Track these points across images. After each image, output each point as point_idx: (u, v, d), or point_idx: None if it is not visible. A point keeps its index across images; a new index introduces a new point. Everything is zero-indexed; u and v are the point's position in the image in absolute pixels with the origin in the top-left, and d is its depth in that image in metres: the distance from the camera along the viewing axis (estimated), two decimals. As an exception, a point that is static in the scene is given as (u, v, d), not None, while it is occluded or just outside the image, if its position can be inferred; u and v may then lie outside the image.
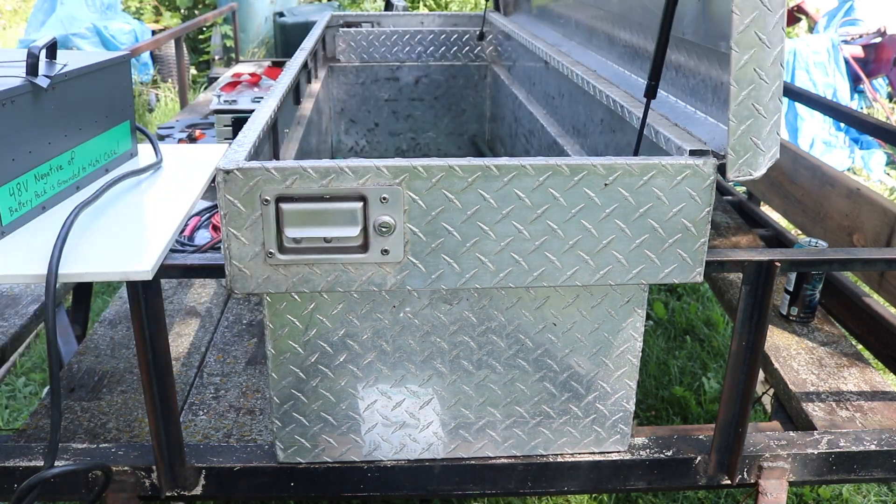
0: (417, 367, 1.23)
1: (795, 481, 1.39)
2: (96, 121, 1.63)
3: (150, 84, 6.77)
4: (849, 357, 1.75)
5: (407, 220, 1.10)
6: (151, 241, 1.26)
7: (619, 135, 1.63)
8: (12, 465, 1.30)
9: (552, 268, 1.15)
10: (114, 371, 1.66)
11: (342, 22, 3.18)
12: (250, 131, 1.26)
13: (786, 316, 1.89)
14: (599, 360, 1.26)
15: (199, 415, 1.51)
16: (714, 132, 1.22)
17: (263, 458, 1.32)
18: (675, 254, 1.16)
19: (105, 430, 1.46)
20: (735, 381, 1.29)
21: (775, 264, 1.22)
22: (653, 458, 1.35)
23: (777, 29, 1.04)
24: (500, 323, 1.22)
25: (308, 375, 1.22)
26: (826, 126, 5.39)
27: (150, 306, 1.17)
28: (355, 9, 8.74)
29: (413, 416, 1.27)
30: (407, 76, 3.14)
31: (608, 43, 1.88)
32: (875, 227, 2.01)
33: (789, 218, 2.52)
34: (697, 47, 1.34)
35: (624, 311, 1.23)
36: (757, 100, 1.07)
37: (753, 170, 1.11)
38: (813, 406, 1.57)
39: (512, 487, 1.34)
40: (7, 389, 2.78)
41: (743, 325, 1.25)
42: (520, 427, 1.30)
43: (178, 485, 1.30)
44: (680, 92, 1.45)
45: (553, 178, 1.09)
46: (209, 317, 1.90)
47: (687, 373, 2.87)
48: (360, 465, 1.30)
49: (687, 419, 2.63)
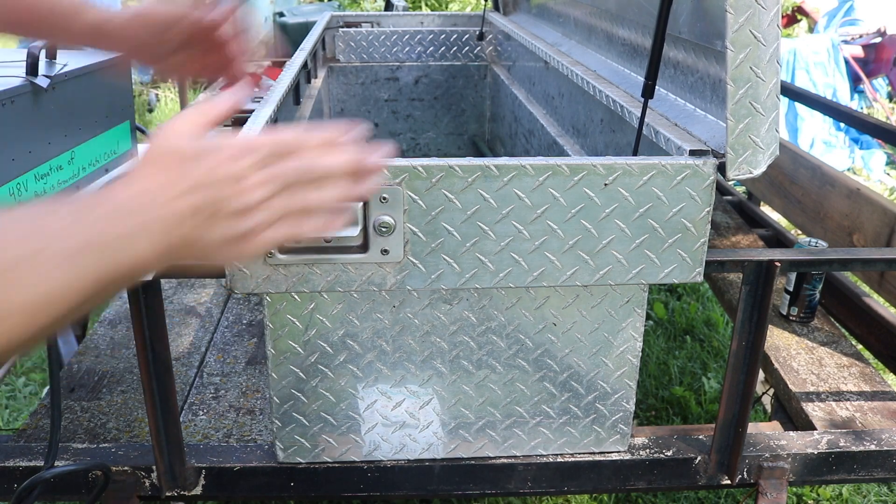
0: (417, 367, 1.23)
1: (795, 481, 1.39)
2: (96, 121, 1.64)
3: (150, 84, 6.77)
4: (849, 357, 1.75)
5: (407, 220, 1.10)
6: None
7: (618, 135, 1.63)
8: (12, 465, 1.30)
9: (552, 268, 1.15)
10: (114, 371, 1.66)
11: (342, 22, 3.18)
12: (251, 131, 1.26)
13: (786, 316, 1.89)
14: (599, 360, 1.26)
15: (199, 415, 1.51)
16: (714, 130, 1.22)
17: (263, 458, 1.32)
18: (675, 254, 1.16)
19: (105, 430, 1.46)
20: (735, 381, 1.29)
21: (775, 264, 1.22)
22: (653, 458, 1.35)
23: (772, 26, 1.04)
24: (500, 323, 1.22)
25: (308, 375, 1.22)
26: (826, 126, 5.39)
27: (150, 306, 1.17)
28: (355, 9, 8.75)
29: (413, 416, 1.27)
30: (407, 76, 3.14)
31: (607, 41, 1.88)
32: (875, 227, 2.01)
33: (789, 218, 2.52)
34: (695, 45, 1.34)
35: (624, 311, 1.23)
36: (754, 98, 1.07)
37: (753, 168, 1.11)
38: (813, 406, 1.57)
39: (512, 487, 1.34)
40: (7, 389, 2.78)
41: (743, 325, 1.25)
42: (520, 427, 1.30)
43: (178, 485, 1.30)
44: (679, 89, 1.45)
45: (553, 178, 1.09)
46: (209, 317, 1.90)
47: (687, 373, 2.87)
48: (360, 465, 1.30)
49: (687, 419, 2.63)
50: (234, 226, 0.67)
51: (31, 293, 0.55)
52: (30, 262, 0.55)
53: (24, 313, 0.55)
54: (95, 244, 0.59)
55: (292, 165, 0.69)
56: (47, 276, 0.56)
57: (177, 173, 0.66)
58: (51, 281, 0.56)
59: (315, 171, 0.70)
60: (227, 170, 0.67)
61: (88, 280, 0.59)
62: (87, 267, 0.58)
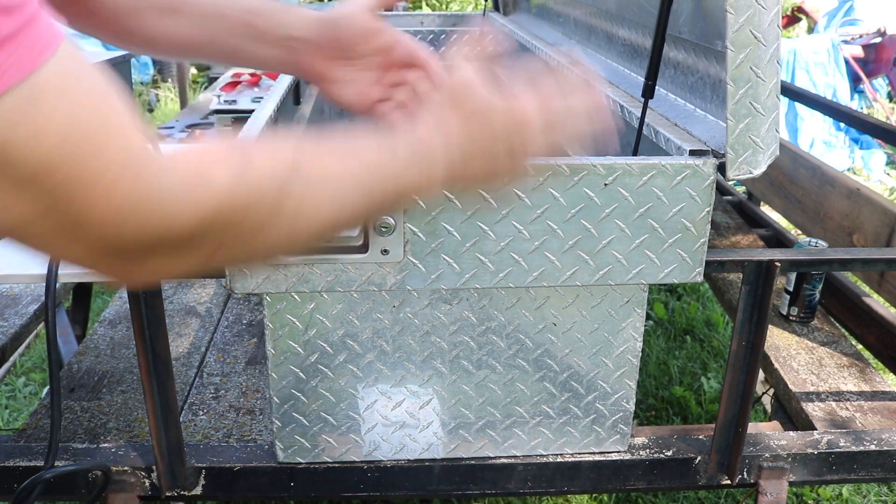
0: (417, 367, 1.23)
1: (795, 481, 1.39)
2: (96, 121, 1.63)
3: (150, 84, 6.77)
4: (849, 357, 1.75)
5: (407, 220, 1.10)
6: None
7: (618, 135, 1.63)
8: (12, 465, 1.30)
9: (552, 268, 1.15)
10: (114, 371, 1.66)
11: (342, 22, 3.17)
12: (250, 131, 1.26)
13: (786, 316, 1.89)
14: (599, 360, 1.26)
15: (199, 415, 1.51)
16: (714, 130, 1.22)
17: (263, 458, 1.32)
18: (675, 254, 1.16)
19: (105, 430, 1.46)
20: (735, 381, 1.29)
21: (775, 264, 1.22)
22: (653, 458, 1.35)
23: (772, 26, 1.04)
24: (500, 323, 1.22)
25: (308, 375, 1.22)
26: (826, 126, 5.39)
27: (150, 306, 1.17)
28: (355, 9, 8.72)
29: (413, 416, 1.27)
30: (407, 76, 3.13)
31: (607, 41, 1.88)
32: (875, 227, 2.01)
33: (789, 218, 2.52)
34: (695, 45, 1.34)
35: (624, 311, 1.23)
36: (754, 98, 1.07)
37: (753, 168, 1.11)
38: (813, 406, 1.57)
39: (512, 487, 1.34)
40: (7, 389, 2.78)
41: (743, 325, 1.25)
42: (520, 427, 1.30)
43: (178, 485, 1.30)
44: (679, 89, 1.45)
45: (553, 178, 1.09)
46: (209, 317, 1.90)
47: (687, 373, 2.87)
48: (360, 465, 1.30)
49: (687, 419, 2.63)
50: (512, 166, 0.81)
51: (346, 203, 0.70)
52: (354, 181, 0.70)
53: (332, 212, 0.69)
54: (402, 181, 0.74)
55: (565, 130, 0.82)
56: (358, 196, 0.71)
57: (477, 122, 0.77)
58: (356, 199, 0.70)
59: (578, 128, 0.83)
60: (518, 130, 0.79)
61: (388, 199, 0.75)
62: (388, 193, 0.73)
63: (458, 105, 0.77)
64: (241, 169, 0.62)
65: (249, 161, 0.63)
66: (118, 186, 0.54)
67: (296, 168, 0.65)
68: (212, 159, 0.62)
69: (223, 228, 0.61)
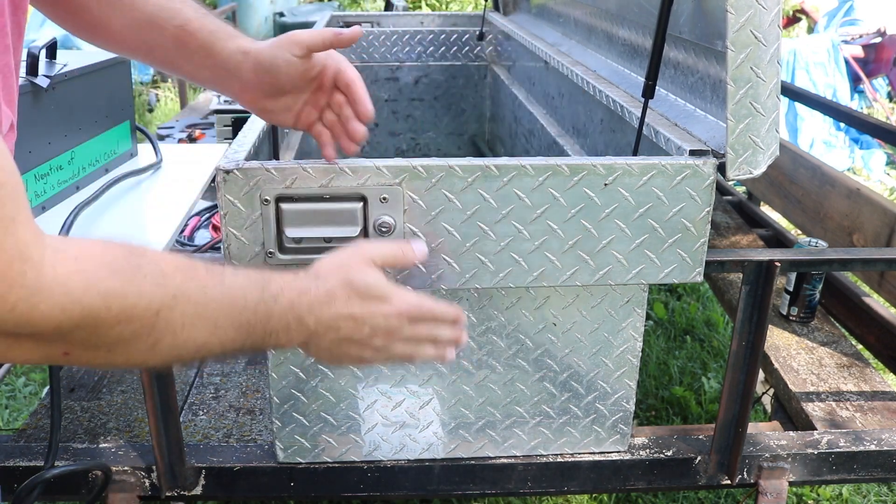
0: (417, 367, 1.23)
1: (795, 481, 1.39)
2: (96, 121, 1.64)
3: (150, 84, 6.77)
4: (849, 357, 1.75)
5: (407, 220, 1.10)
6: (151, 241, 1.26)
7: (618, 135, 1.63)
8: (12, 465, 1.30)
9: (552, 268, 1.15)
10: (114, 371, 1.66)
11: (342, 22, 3.18)
12: (250, 131, 1.26)
13: (786, 316, 1.89)
14: (599, 360, 1.26)
15: (199, 415, 1.51)
16: (714, 130, 1.22)
17: (263, 458, 1.32)
18: (675, 254, 1.16)
19: (105, 430, 1.46)
20: (735, 381, 1.29)
21: (775, 264, 1.22)
22: (653, 458, 1.35)
23: (773, 27, 1.04)
24: (500, 323, 1.22)
25: (308, 375, 1.22)
26: (826, 126, 5.38)
27: (150, 306, 1.17)
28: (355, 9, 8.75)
29: (413, 416, 1.27)
30: (407, 76, 3.14)
31: (607, 41, 1.88)
32: (875, 227, 2.01)
33: (789, 218, 2.52)
34: (695, 45, 1.34)
35: (624, 311, 1.23)
36: (755, 98, 1.07)
37: (753, 168, 1.11)
38: (813, 406, 1.57)
39: (512, 487, 1.34)
40: (7, 389, 2.78)
41: (743, 325, 1.25)
42: (520, 427, 1.30)
43: (178, 485, 1.30)
44: (679, 89, 1.45)
45: (553, 178, 1.09)
46: (209, 317, 1.89)
47: (687, 373, 2.87)
48: (360, 465, 1.30)
49: (687, 419, 2.63)
50: (361, 354, 0.87)
51: (200, 340, 0.73)
52: (210, 324, 0.73)
53: (190, 349, 0.72)
54: (257, 331, 0.78)
55: (425, 332, 0.90)
56: (214, 336, 0.74)
57: (343, 301, 0.83)
58: (212, 338, 0.74)
59: (438, 338, 0.91)
60: (385, 322, 0.86)
61: (244, 348, 0.78)
62: (244, 342, 0.77)
63: (346, 286, 0.84)
64: (125, 281, 0.64)
65: (136, 274, 0.66)
66: (5, 278, 0.56)
67: (176, 297, 0.69)
68: (101, 263, 0.64)
69: (90, 332, 0.64)
